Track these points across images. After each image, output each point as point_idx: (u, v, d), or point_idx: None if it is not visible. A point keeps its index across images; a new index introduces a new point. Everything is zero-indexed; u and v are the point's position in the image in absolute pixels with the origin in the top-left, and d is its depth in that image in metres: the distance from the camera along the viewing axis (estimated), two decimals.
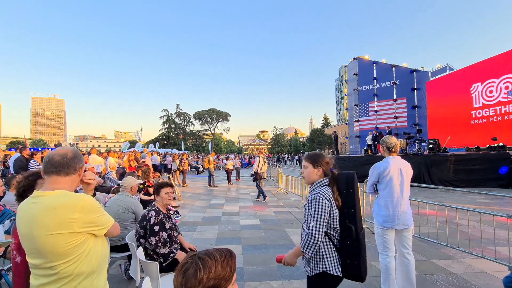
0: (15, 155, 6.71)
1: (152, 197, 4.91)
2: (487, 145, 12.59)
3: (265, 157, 10.86)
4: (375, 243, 2.91)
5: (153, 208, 2.85)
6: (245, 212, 7.33)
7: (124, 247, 3.19)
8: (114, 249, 3.25)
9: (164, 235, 2.74)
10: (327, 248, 1.78)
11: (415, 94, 20.76)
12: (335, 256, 1.78)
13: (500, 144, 11.83)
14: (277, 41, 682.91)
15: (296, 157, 41.60)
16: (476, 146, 13.40)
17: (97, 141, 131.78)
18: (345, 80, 26.85)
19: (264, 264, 3.86)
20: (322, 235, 1.72)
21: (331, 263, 1.76)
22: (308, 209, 1.79)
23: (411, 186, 2.86)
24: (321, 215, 1.72)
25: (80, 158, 1.45)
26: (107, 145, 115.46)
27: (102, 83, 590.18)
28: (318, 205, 1.73)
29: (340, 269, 1.77)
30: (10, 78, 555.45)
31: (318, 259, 1.79)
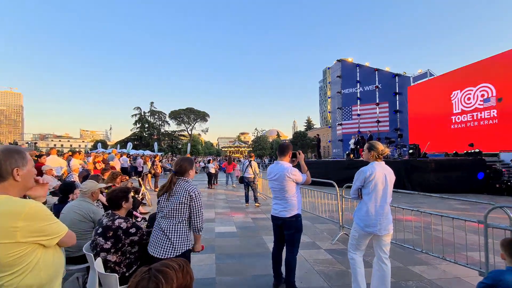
0: None
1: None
2: (465, 151, 13.44)
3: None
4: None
5: (116, 216, 2.69)
6: (220, 218, 7.27)
7: (82, 259, 3.04)
8: (70, 260, 3.09)
9: (144, 230, 2.71)
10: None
11: (397, 99, 21.75)
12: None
13: (476, 150, 12.70)
14: (260, 41, 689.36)
15: None
16: (454, 151, 14.27)
17: (60, 141, 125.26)
18: (329, 82, 27.59)
19: (237, 274, 3.83)
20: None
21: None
22: (195, 202, 2.44)
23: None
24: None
25: (8, 158, 1.33)
26: (71, 145, 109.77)
27: (67, 77, 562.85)
28: (200, 198, 2.50)
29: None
30: None
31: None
